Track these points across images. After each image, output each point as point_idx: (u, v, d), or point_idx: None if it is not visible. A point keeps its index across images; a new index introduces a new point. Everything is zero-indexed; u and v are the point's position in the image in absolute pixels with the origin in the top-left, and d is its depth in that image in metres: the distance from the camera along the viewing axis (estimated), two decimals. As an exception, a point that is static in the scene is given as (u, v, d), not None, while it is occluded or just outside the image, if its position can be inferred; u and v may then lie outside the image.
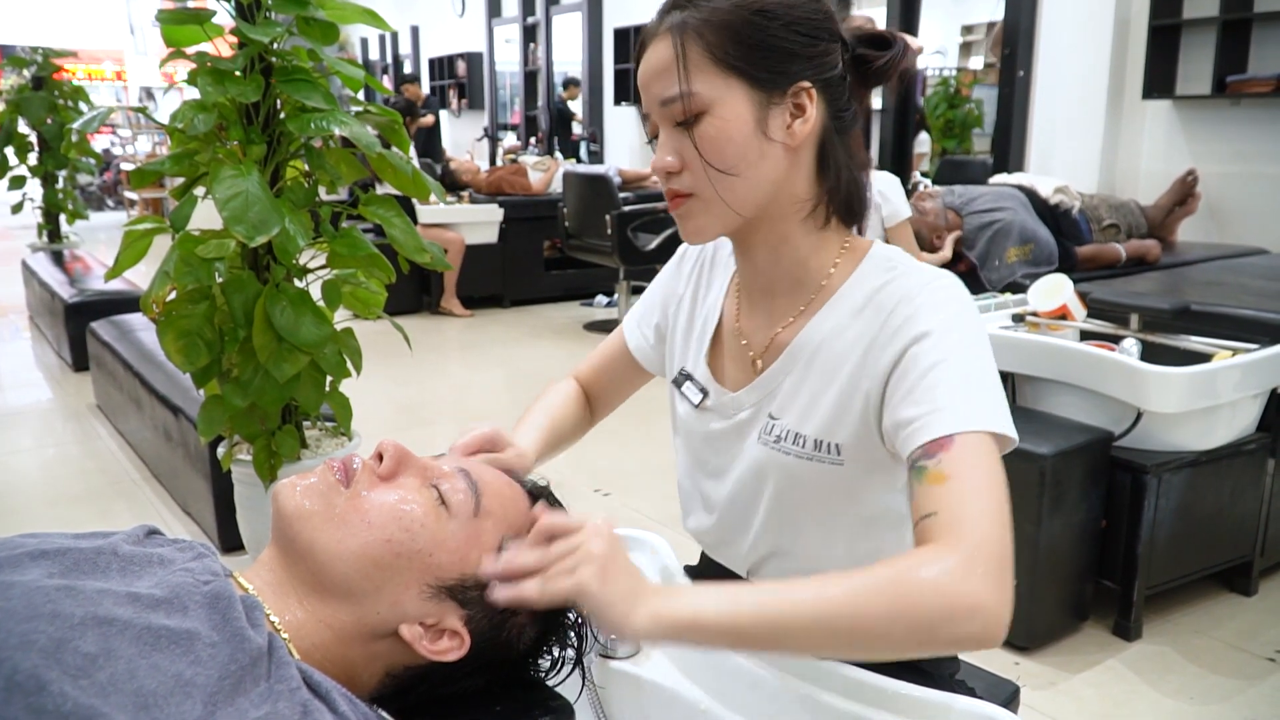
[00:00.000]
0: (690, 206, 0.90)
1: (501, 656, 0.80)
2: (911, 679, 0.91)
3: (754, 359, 0.99)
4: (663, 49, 0.86)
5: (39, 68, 5.65)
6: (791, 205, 0.92)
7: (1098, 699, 2.05)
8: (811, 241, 0.94)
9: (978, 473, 0.76)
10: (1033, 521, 2.09)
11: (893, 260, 0.93)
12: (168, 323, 2.00)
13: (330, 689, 0.65)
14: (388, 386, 4.49)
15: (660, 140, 0.89)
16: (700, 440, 1.05)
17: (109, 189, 13.00)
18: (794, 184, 0.91)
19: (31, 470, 3.54)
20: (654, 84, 0.88)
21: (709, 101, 0.85)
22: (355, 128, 1.95)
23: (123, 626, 0.61)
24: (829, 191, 0.93)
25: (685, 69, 0.84)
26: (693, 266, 1.11)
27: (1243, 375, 2.18)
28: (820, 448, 0.92)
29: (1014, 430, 0.81)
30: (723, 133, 0.85)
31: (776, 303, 0.97)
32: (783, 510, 0.98)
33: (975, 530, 0.72)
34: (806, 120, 0.88)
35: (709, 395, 1.03)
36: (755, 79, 0.85)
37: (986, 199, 3.29)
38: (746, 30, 0.84)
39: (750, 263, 0.97)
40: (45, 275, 5.23)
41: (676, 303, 1.11)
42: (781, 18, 0.85)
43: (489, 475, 0.84)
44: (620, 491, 3.17)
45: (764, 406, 0.97)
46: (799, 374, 0.94)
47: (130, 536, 0.74)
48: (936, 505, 0.74)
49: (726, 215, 0.89)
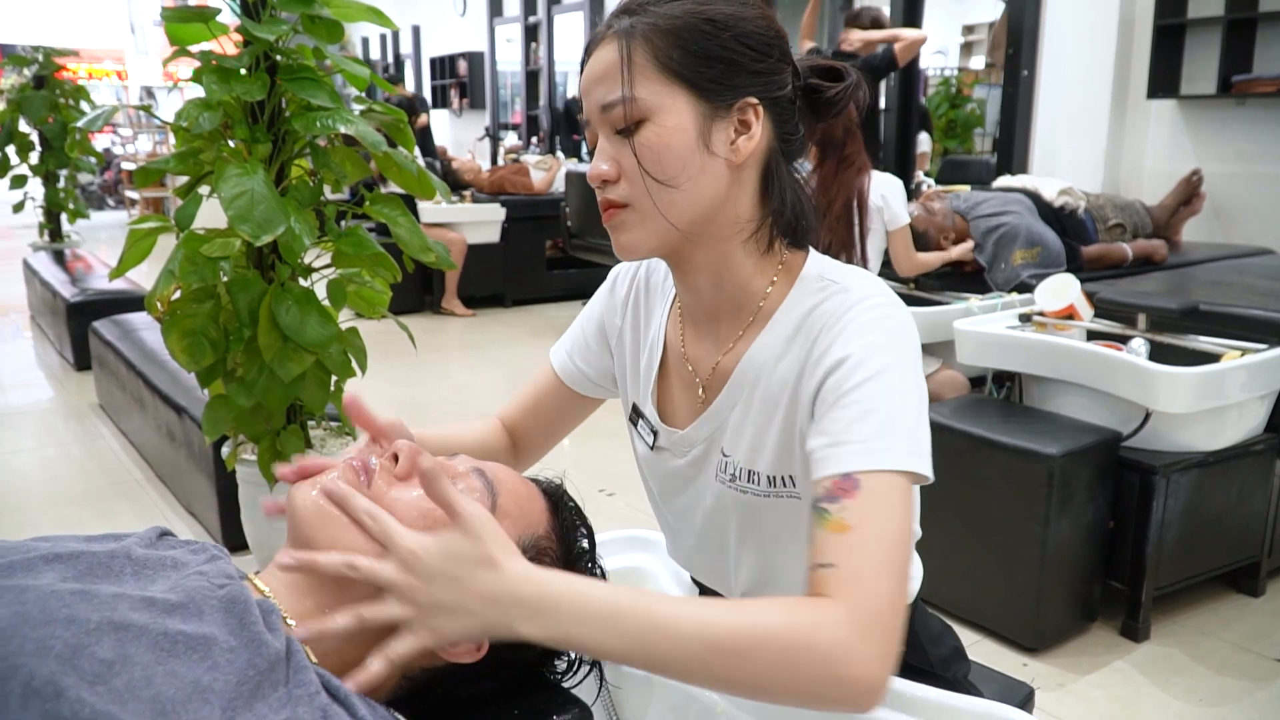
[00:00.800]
0: (625, 218, 0.86)
1: (518, 658, 0.79)
2: (923, 680, 0.90)
3: (700, 385, 0.96)
4: (607, 53, 0.84)
5: (40, 66, 5.64)
6: (733, 226, 0.88)
7: (1105, 700, 2.05)
8: (752, 264, 0.90)
9: (881, 523, 0.74)
10: (1040, 522, 2.08)
11: (825, 278, 0.89)
12: (173, 322, 1.99)
13: (348, 693, 0.65)
14: (389, 386, 4.48)
15: (599, 147, 0.86)
16: (661, 479, 1.03)
17: (109, 188, 12.99)
18: (736, 204, 0.88)
19: (33, 470, 3.54)
20: (596, 88, 0.85)
21: (651, 109, 0.82)
22: (360, 126, 1.94)
23: (139, 632, 0.60)
24: (773, 214, 0.89)
25: (629, 73, 0.82)
26: (626, 294, 1.06)
27: (1251, 375, 2.18)
28: (775, 483, 0.90)
29: (928, 468, 0.78)
30: (663, 141, 0.82)
31: (720, 327, 0.94)
32: (756, 542, 0.96)
33: (872, 593, 0.71)
34: (751, 137, 0.85)
35: (659, 435, 1.00)
36: (700, 89, 0.83)
37: (992, 203, 3.29)
38: (694, 38, 0.82)
39: (690, 286, 0.93)
40: (47, 274, 5.22)
41: (617, 335, 1.06)
42: (731, 29, 0.83)
43: (504, 474, 0.83)
44: (624, 491, 3.16)
45: (715, 441, 0.95)
46: (743, 406, 0.92)
47: (143, 539, 0.74)
48: (836, 558, 0.73)
49: (662, 229, 0.85)
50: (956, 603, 2.32)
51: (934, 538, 2.39)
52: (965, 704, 0.85)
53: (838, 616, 0.70)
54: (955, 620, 2.32)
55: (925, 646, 1.00)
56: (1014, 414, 2.34)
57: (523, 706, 0.81)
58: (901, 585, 0.73)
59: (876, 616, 0.70)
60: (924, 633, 1.01)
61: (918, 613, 1.02)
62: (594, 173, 0.86)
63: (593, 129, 0.87)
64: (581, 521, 0.91)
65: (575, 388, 1.10)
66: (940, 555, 2.31)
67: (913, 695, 0.86)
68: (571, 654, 0.86)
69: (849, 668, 0.68)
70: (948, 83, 8.46)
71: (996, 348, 2.45)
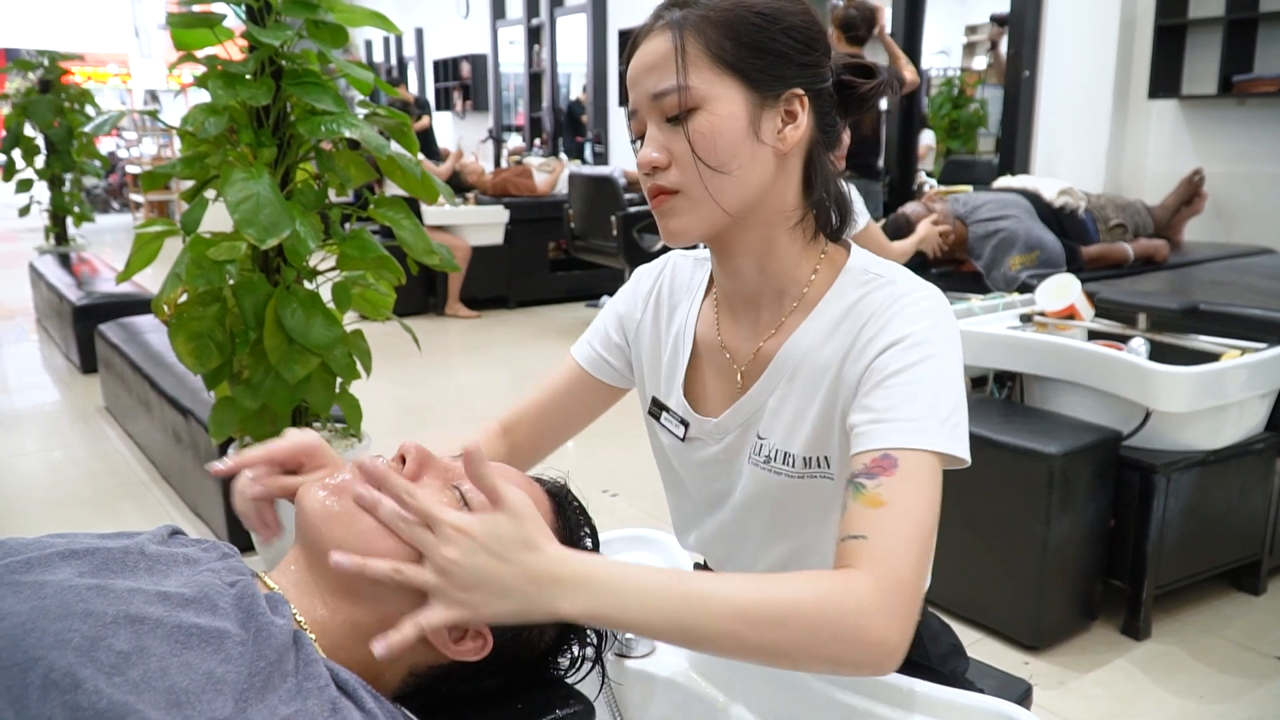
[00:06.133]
0: (675, 204, 0.88)
1: (523, 655, 0.81)
2: (922, 676, 0.91)
3: (738, 372, 0.98)
4: (659, 43, 0.86)
5: (45, 71, 5.67)
6: (778, 214, 0.91)
7: (1107, 698, 2.05)
8: (796, 250, 0.93)
9: (914, 502, 0.78)
10: (1041, 521, 2.09)
11: (870, 270, 0.92)
12: (179, 325, 2.01)
13: (357, 686, 0.66)
14: (394, 388, 4.50)
15: (648, 135, 0.88)
16: (692, 469, 1.04)
17: (115, 191, 13.03)
18: (781, 192, 0.91)
19: (40, 472, 3.56)
20: (647, 78, 0.87)
21: (704, 97, 0.85)
22: (364, 130, 1.95)
23: (154, 624, 0.61)
24: (815, 204, 0.93)
25: (683, 63, 0.84)
26: (649, 290, 1.08)
27: (1251, 374, 2.19)
28: (810, 464, 0.92)
29: (966, 452, 0.82)
30: (715, 129, 0.85)
31: (761, 313, 0.96)
32: (783, 525, 0.98)
33: (900, 567, 0.75)
34: (798, 127, 0.88)
35: (690, 426, 1.01)
36: (751, 79, 0.85)
37: (990, 207, 3.28)
38: (745, 30, 0.85)
39: (733, 271, 0.96)
40: (53, 278, 5.25)
41: (635, 328, 1.08)
42: (780, 22, 0.86)
43: (509, 474, 0.85)
44: (627, 493, 3.18)
45: (751, 425, 0.96)
46: (782, 390, 0.94)
47: (155, 536, 0.75)
48: (869, 530, 0.76)
49: (713, 214, 0.88)
50: (958, 602, 2.33)
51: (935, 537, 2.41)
52: (964, 699, 0.86)
53: (864, 584, 0.74)
54: (957, 619, 2.33)
55: (925, 643, 1.01)
56: (1015, 413, 2.35)
57: (526, 702, 0.82)
58: (925, 562, 0.77)
59: (901, 587, 0.74)
60: (924, 630, 1.02)
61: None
62: (644, 159, 0.88)
63: (640, 118, 0.89)
64: (585, 521, 0.92)
65: (599, 375, 1.11)
66: (942, 554, 2.30)
67: (913, 690, 0.88)
68: (574, 650, 0.87)
69: (872, 632, 0.72)
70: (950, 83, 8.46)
71: (997, 348, 2.46)
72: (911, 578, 0.75)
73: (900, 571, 0.75)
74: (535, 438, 1.12)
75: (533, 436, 1.12)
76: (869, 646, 0.72)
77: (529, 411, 1.12)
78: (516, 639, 0.79)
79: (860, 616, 0.72)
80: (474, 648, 0.75)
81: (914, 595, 0.75)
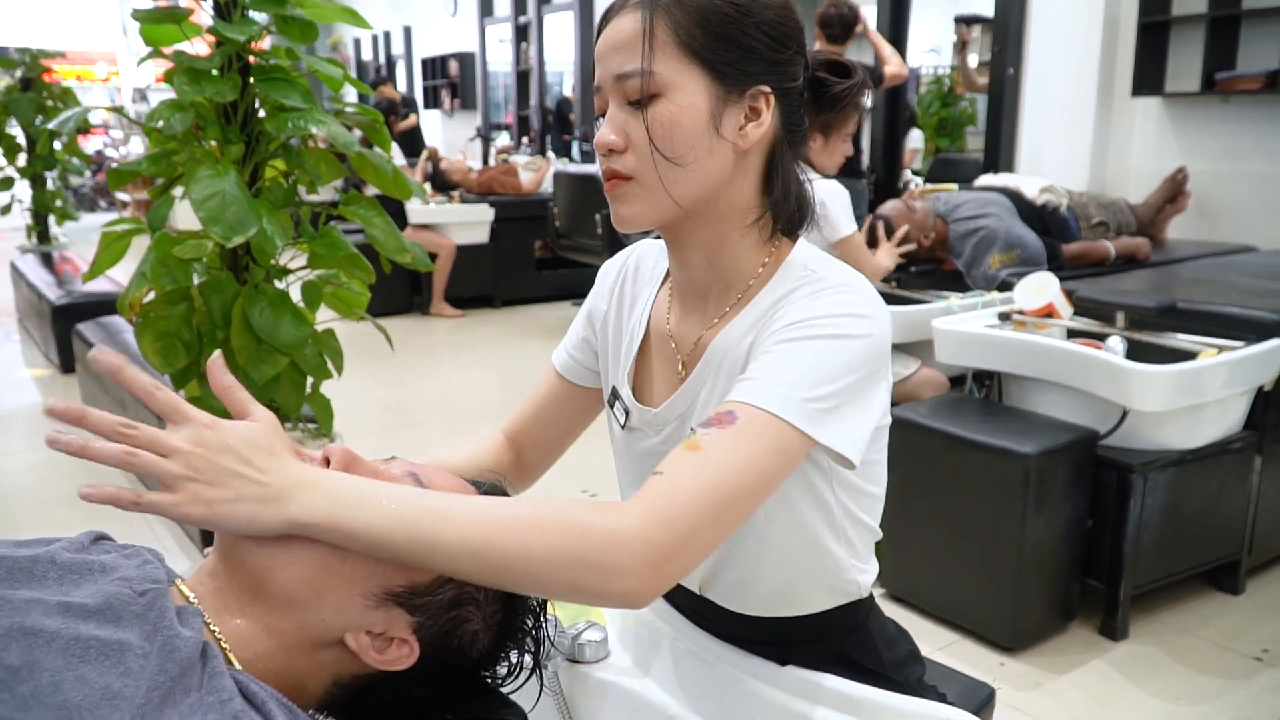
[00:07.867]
0: (628, 190, 0.86)
1: (454, 663, 0.79)
2: (873, 683, 0.90)
3: (680, 362, 0.96)
4: (629, 22, 0.84)
5: (27, 69, 5.63)
6: (733, 210, 0.89)
7: (1084, 699, 2.04)
8: (747, 246, 0.91)
9: (731, 457, 0.74)
10: (1018, 521, 2.08)
11: (808, 267, 0.90)
12: (145, 324, 1.99)
13: (267, 699, 0.64)
14: (376, 387, 4.47)
15: (609, 115, 0.86)
16: (637, 459, 1.02)
17: (102, 190, 12.96)
18: (738, 189, 0.89)
19: (20, 473, 3.53)
20: (613, 56, 0.85)
21: (667, 84, 0.83)
22: (333, 127, 1.93)
23: (50, 638, 0.59)
24: (774, 204, 0.91)
25: (650, 46, 0.82)
26: (614, 281, 1.07)
27: (1228, 373, 2.17)
28: None
29: (833, 441, 0.78)
30: (675, 119, 0.83)
31: (708, 304, 0.95)
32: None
33: (676, 507, 0.71)
34: (760, 125, 0.86)
35: (631, 415, 1.00)
36: (717, 71, 0.84)
37: (971, 206, 3.26)
38: (717, 19, 0.83)
39: (684, 262, 0.94)
40: (33, 277, 5.21)
41: (601, 319, 1.07)
42: (754, 15, 0.84)
43: (440, 479, 0.83)
44: (608, 493, 3.16)
45: (687, 418, 0.95)
46: (711, 383, 0.92)
47: (73, 544, 0.73)
48: (667, 468, 0.74)
49: (664, 204, 0.86)
50: (934, 602, 2.32)
51: (911, 537, 2.40)
52: (907, 705, 0.84)
53: (628, 515, 0.70)
54: (933, 620, 2.32)
55: (879, 649, 0.99)
56: (992, 413, 2.34)
57: (460, 712, 0.80)
58: (714, 519, 0.73)
59: (667, 527, 0.70)
60: (879, 635, 1.00)
61: (873, 614, 1.01)
62: (601, 140, 0.86)
63: (603, 95, 0.87)
64: None
65: (573, 379, 1.10)
66: (918, 554, 2.31)
67: (856, 696, 0.86)
68: (512, 657, 0.85)
69: (616, 562, 0.69)
70: (939, 81, 8.45)
71: (975, 346, 2.45)
72: (683, 525, 0.71)
73: (674, 512, 0.71)
74: (537, 444, 1.12)
75: (535, 444, 1.12)
76: (609, 576, 0.69)
77: (526, 419, 1.12)
78: (446, 647, 0.77)
79: (609, 542, 0.69)
80: (399, 656, 0.73)
81: (679, 540, 0.71)
